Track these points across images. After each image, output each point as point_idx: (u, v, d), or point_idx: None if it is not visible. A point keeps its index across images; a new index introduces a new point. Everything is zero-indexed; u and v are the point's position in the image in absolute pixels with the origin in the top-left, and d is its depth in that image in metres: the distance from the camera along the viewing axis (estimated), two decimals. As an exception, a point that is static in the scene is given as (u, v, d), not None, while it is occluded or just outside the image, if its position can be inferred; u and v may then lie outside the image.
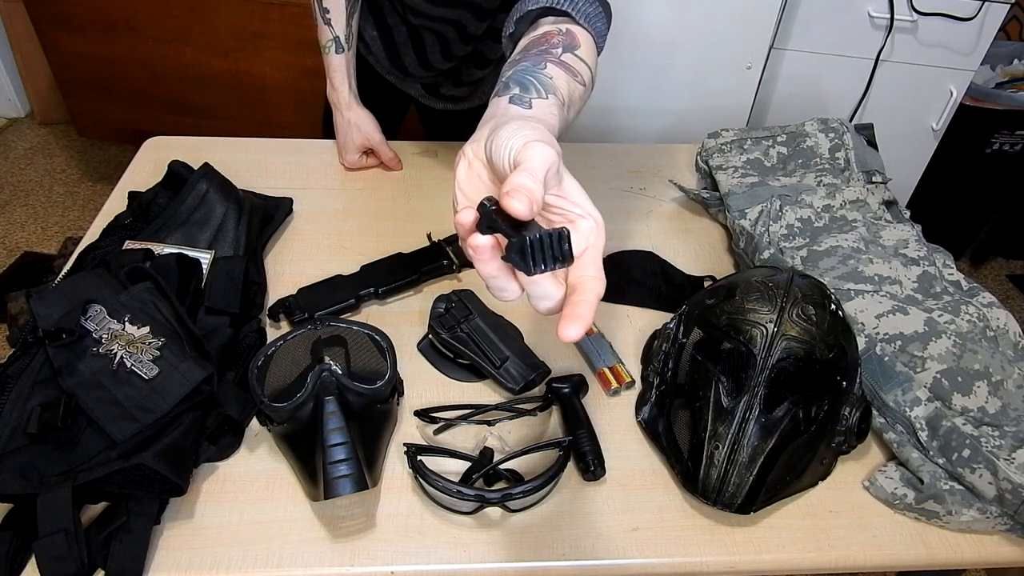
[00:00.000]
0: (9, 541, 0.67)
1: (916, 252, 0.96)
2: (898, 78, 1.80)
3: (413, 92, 1.33)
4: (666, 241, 1.12)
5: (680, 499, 0.78)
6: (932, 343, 0.82)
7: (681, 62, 1.75)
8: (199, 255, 0.94)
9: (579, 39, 0.72)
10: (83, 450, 0.70)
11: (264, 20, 1.86)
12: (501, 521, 0.75)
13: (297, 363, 0.83)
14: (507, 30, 0.78)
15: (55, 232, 2.28)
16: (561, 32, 0.71)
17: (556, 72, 0.66)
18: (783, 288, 0.77)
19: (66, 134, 2.68)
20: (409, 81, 1.29)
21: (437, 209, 1.15)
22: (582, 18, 0.73)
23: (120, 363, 0.74)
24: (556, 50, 0.69)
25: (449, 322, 0.90)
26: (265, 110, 2.04)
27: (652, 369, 0.88)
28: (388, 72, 1.28)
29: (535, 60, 0.66)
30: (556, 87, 0.64)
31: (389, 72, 1.28)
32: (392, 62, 1.24)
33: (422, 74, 1.24)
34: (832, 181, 1.08)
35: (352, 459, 0.70)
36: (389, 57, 1.23)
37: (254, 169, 1.18)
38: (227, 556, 0.70)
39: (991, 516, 0.74)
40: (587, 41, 0.73)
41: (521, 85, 0.62)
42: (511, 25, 0.77)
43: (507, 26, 0.78)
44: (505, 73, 0.66)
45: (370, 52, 1.25)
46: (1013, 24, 2.25)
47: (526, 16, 0.75)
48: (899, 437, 0.80)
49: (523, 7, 0.76)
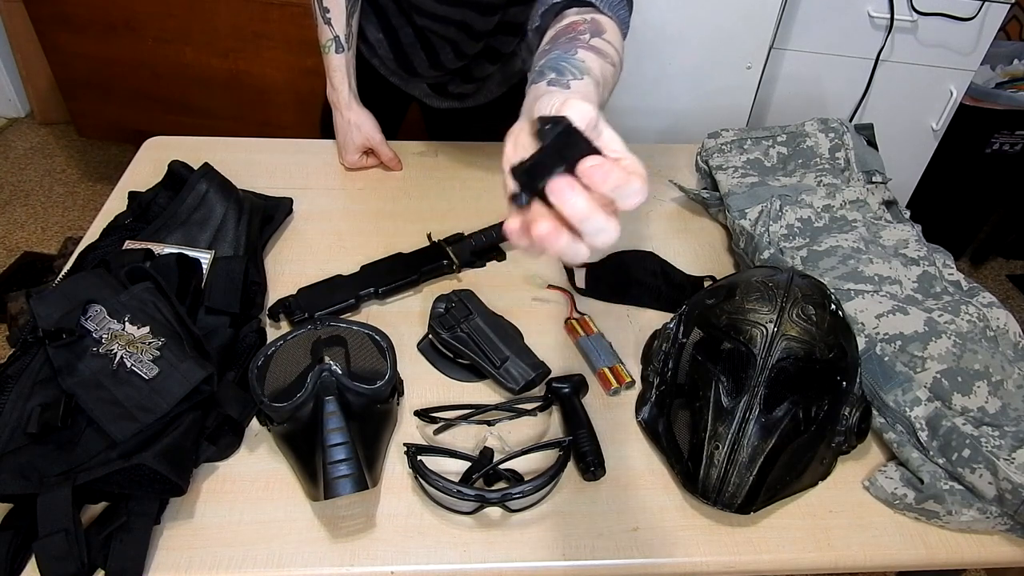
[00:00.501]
0: (9, 541, 0.67)
1: (916, 252, 0.96)
2: (898, 78, 1.80)
3: (417, 93, 1.32)
4: (666, 241, 1.12)
5: (680, 499, 0.78)
6: (932, 343, 0.82)
7: (681, 62, 1.75)
8: (199, 255, 0.94)
9: (604, 25, 0.75)
10: (83, 450, 0.70)
11: (264, 20, 1.86)
12: (501, 521, 0.75)
13: (297, 363, 0.83)
14: (532, 24, 0.79)
15: (55, 232, 2.28)
16: (586, 21, 0.74)
17: (587, 56, 0.68)
18: (783, 288, 0.77)
19: (66, 134, 2.68)
20: (415, 82, 1.29)
21: (437, 209, 1.15)
22: (605, 7, 0.77)
23: (120, 363, 0.74)
24: (584, 36, 0.72)
25: (449, 322, 0.90)
26: (265, 110, 2.04)
27: (652, 369, 0.88)
28: (392, 73, 1.28)
29: (565, 48, 0.69)
30: (589, 68, 0.66)
31: (394, 73, 1.28)
32: (400, 63, 1.23)
33: (431, 74, 1.24)
34: (832, 181, 1.08)
35: (352, 459, 0.70)
36: (397, 59, 1.22)
37: (254, 169, 1.18)
38: (227, 556, 0.70)
39: (991, 516, 0.74)
40: (612, 27, 0.76)
41: (556, 70, 0.65)
42: (536, 19, 0.78)
43: (532, 20, 0.79)
44: (538, 62, 0.69)
45: (375, 55, 1.25)
46: (1013, 24, 2.25)
47: (551, 8, 0.77)
48: (899, 437, 0.80)
49: (547, 1, 0.78)
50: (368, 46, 1.24)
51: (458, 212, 1.14)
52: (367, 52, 1.25)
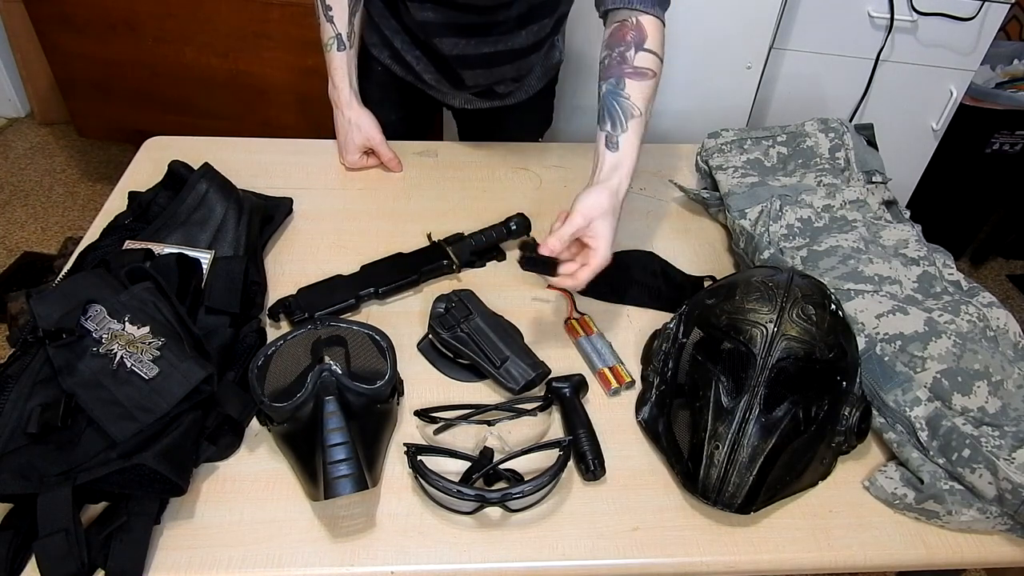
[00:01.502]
0: (9, 541, 0.67)
1: (916, 252, 0.96)
2: (898, 78, 1.80)
3: (458, 102, 1.30)
4: (666, 241, 1.12)
5: (680, 499, 0.78)
6: (932, 343, 0.82)
7: (681, 62, 1.74)
8: (199, 255, 0.94)
9: (646, 30, 0.94)
10: (83, 450, 0.70)
11: (264, 20, 1.85)
12: (501, 521, 0.75)
13: (297, 363, 0.83)
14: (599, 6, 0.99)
15: (55, 232, 2.28)
16: (632, 27, 0.94)
17: (632, 86, 0.92)
18: (783, 288, 0.77)
19: (66, 134, 2.68)
20: (457, 93, 1.26)
21: (437, 209, 1.15)
22: (647, 6, 0.94)
23: (120, 363, 0.74)
24: (629, 53, 0.93)
25: (449, 322, 0.90)
26: (265, 110, 2.04)
27: (652, 369, 0.88)
28: (431, 88, 1.26)
29: (616, 77, 0.92)
30: (634, 106, 0.91)
31: (433, 88, 1.25)
32: (446, 78, 1.21)
33: (479, 82, 1.22)
34: (832, 181, 1.08)
35: (352, 459, 0.70)
36: (442, 73, 1.20)
37: (254, 169, 1.18)
38: (227, 556, 0.70)
39: (991, 516, 0.74)
40: (654, 27, 0.94)
41: (611, 119, 0.91)
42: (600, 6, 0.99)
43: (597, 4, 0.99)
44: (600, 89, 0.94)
45: (410, 71, 1.23)
46: (1013, 24, 2.25)
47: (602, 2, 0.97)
48: (899, 437, 0.80)
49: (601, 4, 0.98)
50: (403, 66, 1.23)
51: (458, 212, 1.14)
52: (401, 71, 1.24)
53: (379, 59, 1.25)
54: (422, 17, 1.09)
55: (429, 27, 1.10)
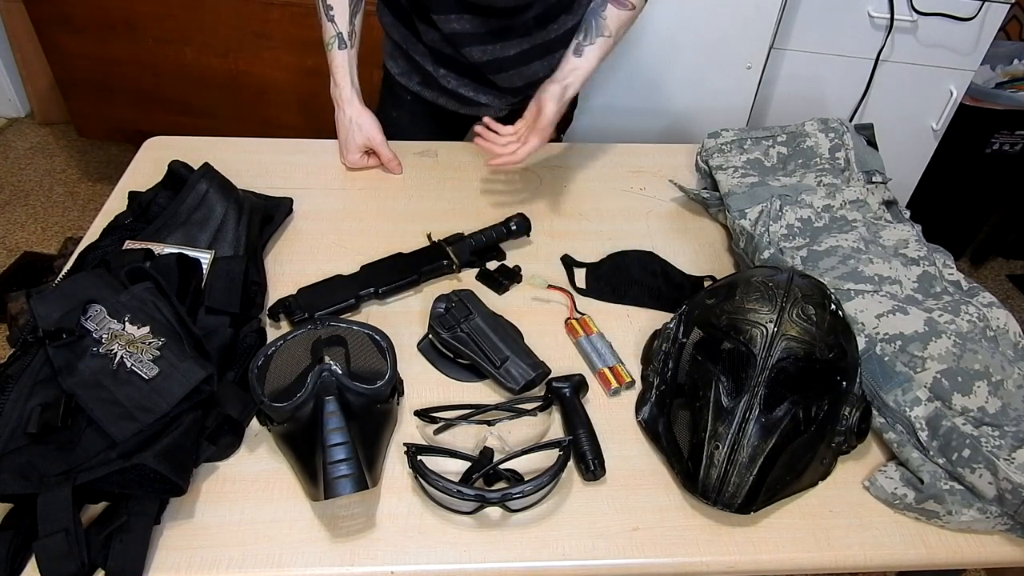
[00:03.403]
0: (9, 541, 0.67)
1: (916, 252, 0.96)
2: (898, 78, 1.80)
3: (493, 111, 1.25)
4: (666, 241, 1.12)
5: (680, 499, 0.78)
6: (932, 343, 0.82)
7: (681, 62, 1.75)
8: (199, 255, 0.94)
9: None
10: (83, 450, 0.70)
11: (264, 20, 1.85)
12: (501, 521, 0.75)
13: (297, 363, 0.83)
14: None
15: (55, 232, 2.28)
16: None
17: (611, 12, 1.08)
18: (783, 288, 0.77)
19: (66, 134, 2.68)
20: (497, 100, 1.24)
21: (437, 209, 1.15)
22: None
23: (120, 363, 0.74)
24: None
25: (449, 322, 0.90)
26: (265, 110, 2.04)
27: (652, 369, 0.88)
28: (467, 103, 1.24)
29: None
30: (606, 27, 1.07)
31: (469, 103, 1.24)
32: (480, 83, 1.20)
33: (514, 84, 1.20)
34: (832, 181, 1.08)
35: (352, 459, 0.70)
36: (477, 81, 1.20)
37: (254, 169, 1.18)
38: (227, 556, 0.70)
39: (991, 516, 0.74)
40: None
41: (585, 31, 1.08)
42: None
43: None
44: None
45: (442, 93, 1.23)
46: (1013, 24, 2.25)
47: None
48: (899, 437, 0.80)
49: None
50: (435, 89, 1.23)
51: (458, 212, 1.14)
52: (432, 95, 1.25)
53: (408, 87, 1.26)
54: (450, 29, 1.10)
55: (458, 37, 1.11)
